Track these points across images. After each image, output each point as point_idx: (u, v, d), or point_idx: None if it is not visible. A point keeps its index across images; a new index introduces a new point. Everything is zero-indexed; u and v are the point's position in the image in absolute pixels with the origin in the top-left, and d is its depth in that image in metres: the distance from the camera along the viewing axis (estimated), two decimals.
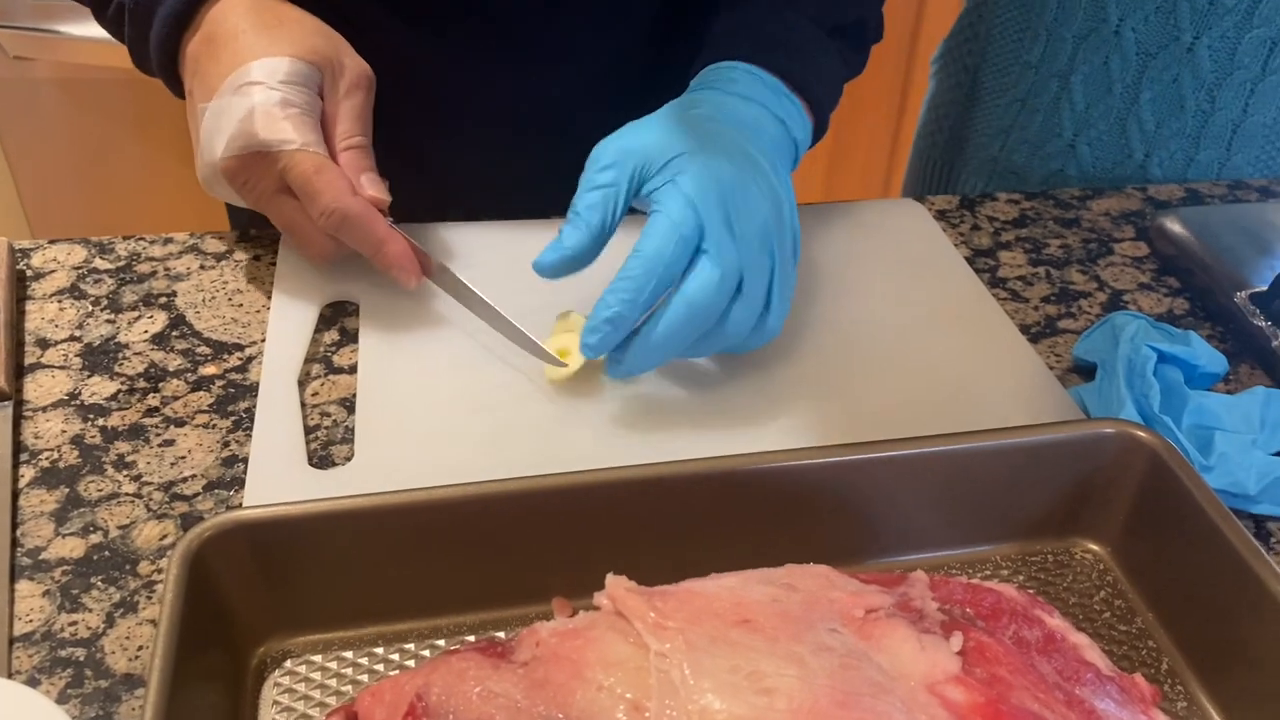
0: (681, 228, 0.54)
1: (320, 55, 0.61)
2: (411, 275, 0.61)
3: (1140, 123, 0.83)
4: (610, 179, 0.57)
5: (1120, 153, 0.86)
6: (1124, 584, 0.52)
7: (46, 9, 1.48)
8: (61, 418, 0.58)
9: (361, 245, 0.61)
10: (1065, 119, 0.87)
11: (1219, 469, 0.55)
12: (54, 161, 1.62)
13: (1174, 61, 0.80)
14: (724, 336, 0.57)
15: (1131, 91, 0.83)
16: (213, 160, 0.59)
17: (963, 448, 0.52)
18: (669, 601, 0.38)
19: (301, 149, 0.58)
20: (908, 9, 1.77)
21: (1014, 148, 0.91)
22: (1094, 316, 0.69)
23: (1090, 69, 0.84)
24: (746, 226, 0.55)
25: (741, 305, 0.56)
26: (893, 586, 0.41)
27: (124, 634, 0.48)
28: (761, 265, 0.56)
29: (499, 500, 0.48)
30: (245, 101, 0.58)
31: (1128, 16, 0.80)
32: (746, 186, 0.57)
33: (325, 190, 0.58)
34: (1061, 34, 0.85)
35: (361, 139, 0.62)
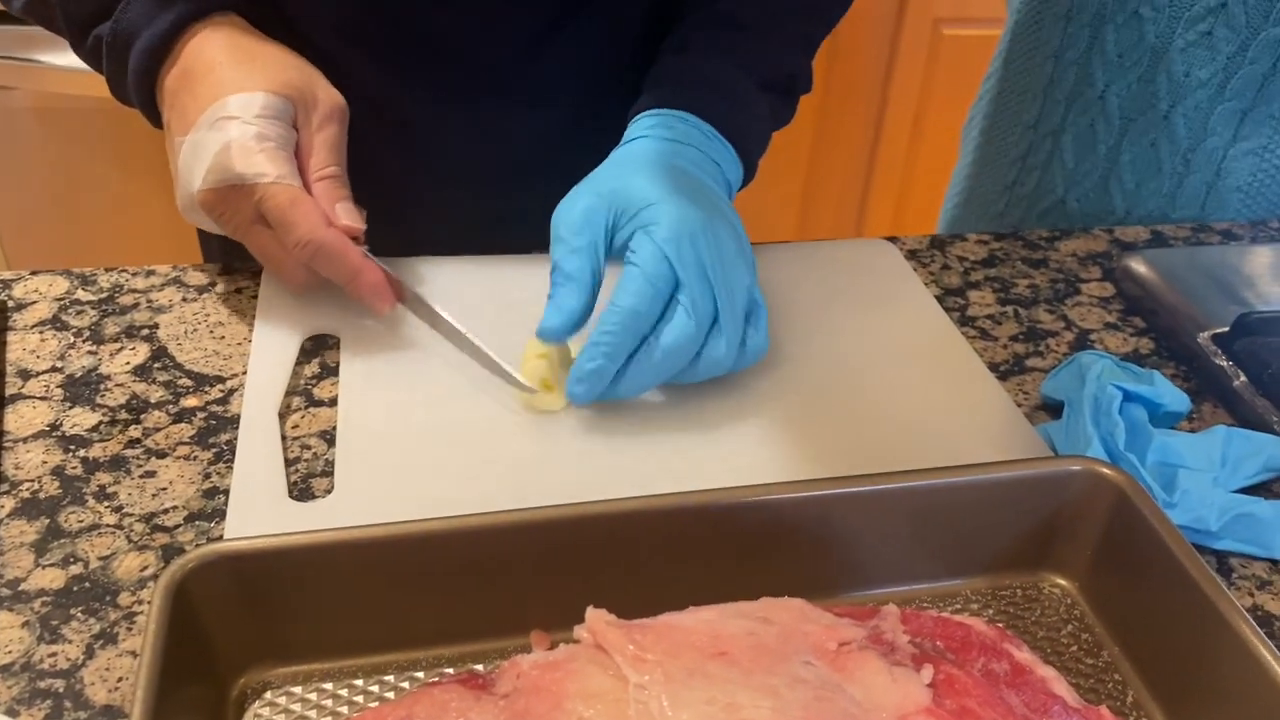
0: (656, 281, 0.57)
1: (294, 88, 0.62)
2: (384, 303, 0.63)
3: (1121, 182, 0.87)
4: (585, 241, 0.59)
5: (1103, 209, 0.90)
6: (1091, 618, 0.53)
7: (26, 38, 1.48)
8: (42, 449, 0.58)
9: (336, 275, 0.62)
10: (1057, 176, 0.91)
11: (1182, 506, 0.56)
12: (31, 190, 1.61)
13: (1151, 127, 0.85)
14: (707, 368, 0.60)
15: (1114, 153, 0.87)
16: (191, 191, 0.60)
17: (933, 483, 0.53)
18: (648, 635, 0.39)
19: (276, 181, 0.59)
20: (880, 51, 1.81)
21: (1014, 204, 0.96)
22: (1061, 355, 0.70)
23: (1079, 130, 0.88)
24: (718, 268, 0.58)
25: (715, 342, 0.59)
26: (865, 620, 0.42)
27: (104, 665, 0.48)
28: (736, 301, 0.59)
29: (478, 534, 0.49)
30: (221, 136, 0.59)
31: (1112, 83, 0.85)
32: (716, 228, 0.59)
33: (300, 222, 0.59)
34: (1055, 96, 0.89)
35: (335, 169, 0.63)
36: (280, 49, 0.64)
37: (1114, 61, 0.84)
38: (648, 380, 0.59)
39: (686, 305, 0.57)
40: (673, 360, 0.58)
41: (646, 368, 0.58)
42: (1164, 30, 0.81)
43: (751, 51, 0.70)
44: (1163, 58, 0.82)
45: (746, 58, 0.70)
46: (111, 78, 0.65)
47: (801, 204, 1.95)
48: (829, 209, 1.98)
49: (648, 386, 0.60)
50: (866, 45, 1.79)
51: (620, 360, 0.58)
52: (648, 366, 0.58)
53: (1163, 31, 0.81)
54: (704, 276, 0.58)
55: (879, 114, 1.88)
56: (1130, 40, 0.83)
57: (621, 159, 0.65)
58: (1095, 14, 0.84)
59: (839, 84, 1.82)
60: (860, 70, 1.82)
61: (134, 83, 0.63)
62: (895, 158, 1.92)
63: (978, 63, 1.05)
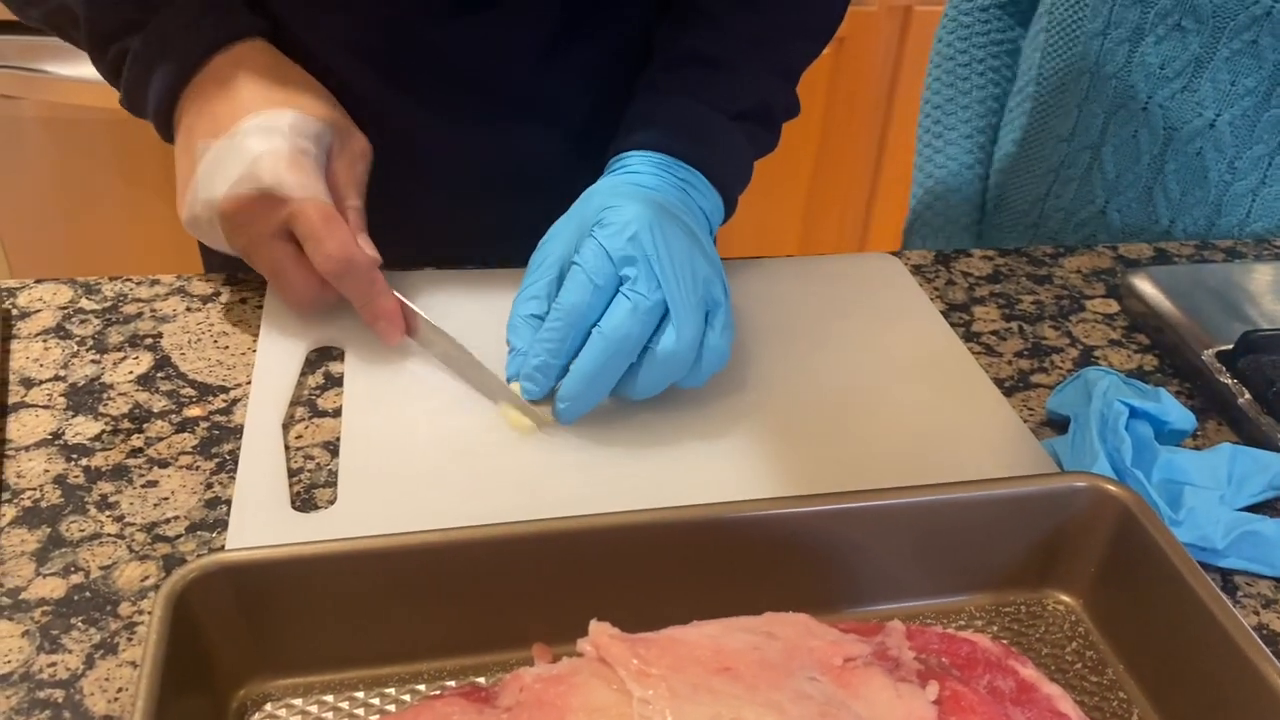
0: (596, 276, 0.58)
1: (332, 119, 0.63)
2: (396, 331, 0.63)
3: (1166, 191, 0.88)
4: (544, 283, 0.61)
5: (1147, 219, 0.90)
6: (1095, 635, 0.53)
7: (32, 48, 1.49)
8: (45, 457, 0.58)
9: (355, 295, 0.62)
10: (1098, 187, 0.92)
11: (1188, 523, 0.56)
12: (35, 199, 1.62)
13: (1197, 135, 0.85)
14: (661, 367, 0.59)
15: (1158, 163, 0.88)
16: (210, 198, 0.60)
17: (938, 499, 0.53)
18: (652, 649, 0.39)
19: (313, 196, 0.59)
20: (884, 65, 1.81)
21: (1049, 215, 0.96)
22: (1066, 371, 0.70)
23: (1120, 141, 0.89)
24: (668, 257, 0.58)
25: (669, 334, 0.58)
26: (870, 635, 0.42)
27: (104, 675, 0.48)
28: (689, 293, 0.58)
29: (480, 546, 0.49)
30: (259, 144, 0.59)
31: (1155, 94, 0.85)
32: (664, 224, 0.59)
33: (332, 237, 0.60)
34: (1093, 109, 0.90)
35: (359, 203, 0.64)
36: (314, 81, 0.65)
37: (1156, 73, 0.84)
38: (597, 375, 0.58)
39: (627, 292, 0.57)
40: (618, 349, 0.57)
41: (592, 359, 0.58)
42: (1207, 40, 0.81)
43: (721, 85, 0.70)
44: (1206, 67, 0.82)
45: (715, 92, 0.70)
46: (130, 89, 0.65)
47: (805, 218, 1.95)
48: (832, 224, 1.98)
49: (599, 385, 0.59)
50: (870, 62, 1.80)
51: (564, 356, 0.59)
52: (593, 358, 0.57)
53: (1206, 42, 0.81)
54: (647, 266, 0.58)
55: (883, 129, 1.88)
56: (1172, 51, 0.83)
57: (590, 191, 0.65)
58: (1134, 28, 0.84)
59: (843, 99, 1.82)
60: (864, 87, 1.82)
61: (155, 99, 0.63)
62: (899, 172, 1.92)
63: None
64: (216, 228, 0.61)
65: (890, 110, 1.85)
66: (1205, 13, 0.80)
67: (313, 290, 0.63)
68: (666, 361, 0.58)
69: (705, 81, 0.70)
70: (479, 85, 0.73)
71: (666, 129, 0.68)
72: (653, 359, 0.58)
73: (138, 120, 0.67)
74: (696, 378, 0.61)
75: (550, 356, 0.59)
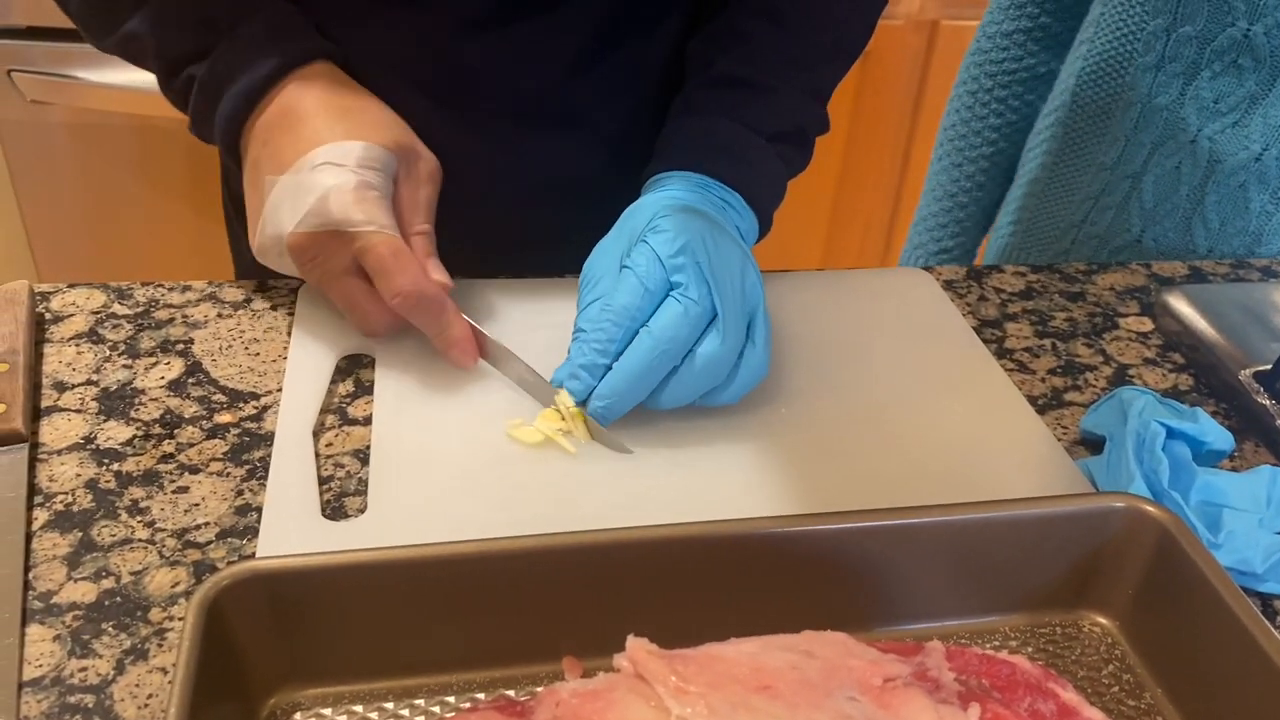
0: (647, 280, 0.59)
1: (398, 144, 0.63)
2: (470, 357, 0.63)
3: (1205, 221, 0.88)
4: (600, 292, 0.61)
5: (1184, 248, 0.90)
6: (1132, 658, 0.52)
7: (62, 54, 1.50)
8: (77, 461, 0.58)
9: (428, 326, 0.62)
10: (1134, 216, 0.91)
11: (1227, 546, 0.55)
12: (63, 204, 1.63)
13: (1242, 169, 0.85)
14: (700, 373, 0.59)
15: (1197, 193, 0.88)
16: (278, 233, 0.60)
17: (974, 517, 0.52)
18: (690, 665, 0.38)
19: (380, 231, 0.59)
20: (909, 82, 1.81)
21: (1083, 241, 0.96)
22: (1100, 390, 0.69)
23: (1162, 172, 0.89)
24: (719, 267, 0.59)
25: (713, 340, 0.59)
26: (909, 655, 0.41)
27: (134, 681, 0.48)
28: (737, 306, 0.60)
29: (511, 558, 0.49)
30: (324, 180, 0.59)
31: (1205, 127, 0.85)
32: (717, 237, 0.61)
33: (402, 272, 0.60)
34: (1140, 140, 0.89)
35: (428, 226, 0.64)
36: (381, 104, 0.65)
37: (1209, 107, 0.84)
38: (642, 375, 0.58)
39: (677, 295, 0.58)
40: (665, 350, 0.58)
41: (639, 358, 0.58)
42: (1264, 78, 0.82)
43: (757, 107, 0.71)
44: (1260, 104, 0.82)
45: (752, 113, 0.70)
46: (197, 115, 0.65)
47: (828, 232, 1.95)
48: (854, 239, 1.97)
49: (642, 384, 0.59)
50: (896, 76, 1.79)
51: (611, 356, 0.59)
52: (640, 357, 0.58)
53: (1263, 80, 0.82)
54: (698, 272, 0.59)
55: (907, 145, 1.88)
56: (1227, 88, 0.83)
57: (634, 207, 0.66)
58: (1190, 63, 0.84)
59: (868, 113, 1.82)
60: (889, 102, 1.82)
61: (223, 124, 0.63)
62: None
63: None
64: (287, 260, 0.62)
65: (915, 125, 1.85)
66: (1263, 53, 0.80)
67: (386, 321, 0.63)
68: (707, 367, 0.59)
69: (742, 103, 0.71)
70: (510, 97, 0.73)
71: (705, 150, 0.69)
72: (693, 363, 0.59)
73: (164, 127, 0.68)
74: (733, 393, 0.61)
75: (597, 355, 0.59)
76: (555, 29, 0.71)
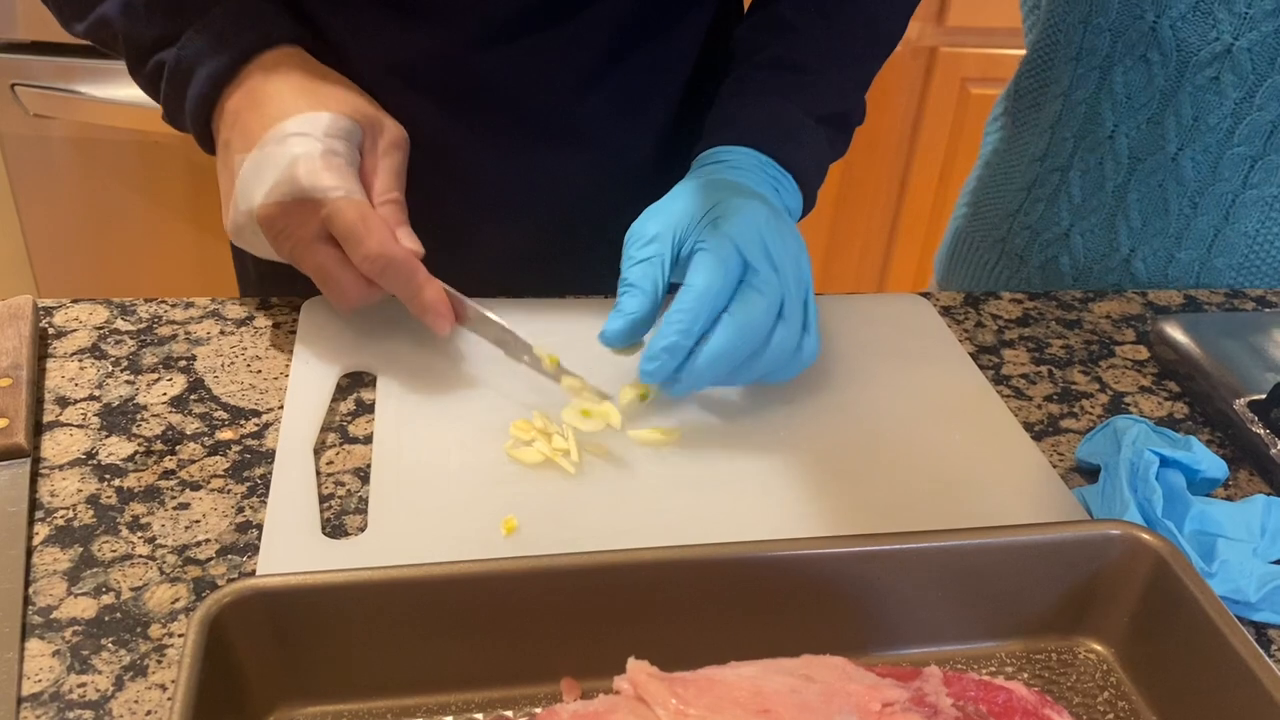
0: (727, 262, 0.60)
1: (361, 114, 0.63)
2: (445, 321, 0.63)
3: (1128, 220, 0.88)
4: (653, 251, 0.62)
5: (1108, 245, 0.91)
6: (1127, 685, 0.53)
7: (65, 69, 1.51)
8: (78, 476, 0.58)
9: (401, 289, 0.62)
10: (1063, 210, 0.92)
11: (1221, 575, 0.56)
12: (64, 218, 1.63)
13: (1159, 168, 0.86)
14: (769, 359, 0.61)
15: (1121, 190, 0.88)
16: (250, 208, 0.61)
17: (971, 543, 0.53)
18: (689, 688, 0.38)
19: (346, 196, 0.60)
20: (908, 108, 1.82)
21: (1018, 232, 0.96)
22: (1096, 417, 0.70)
23: (1087, 166, 0.89)
24: (783, 259, 0.61)
25: (783, 328, 0.61)
26: (907, 680, 0.41)
27: (133, 697, 0.48)
28: (797, 293, 0.62)
29: (510, 578, 0.49)
30: (289, 151, 0.60)
31: (1121, 124, 0.86)
32: (780, 223, 0.62)
33: (370, 235, 0.60)
34: (1063, 133, 0.90)
35: (397, 194, 0.64)
36: (344, 79, 0.66)
37: (1123, 103, 0.85)
38: (723, 358, 0.60)
39: (756, 285, 0.60)
40: (747, 337, 0.59)
41: (725, 342, 0.59)
42: (1172, 74, 0.82)
43: (808, 90, 0.73)
44: (1171, 101, 0.83)
45: (803, 96, 0.72)
46: (168, 102, 0.66)
47: (825, 257, 1.96)
48: (851, 264, 1.98)
49: (721, 367, 0.60)
50: (894, 102, 1.81)
51: (693, 337, 0.59)
52: (726, 341, 0.59)
53: (1171, 75, 0.82)
54: (770, 260, 0.60)
55: (905, 171, 1.89)
56: (1139, 83, 0.84)
57: (688, 184, 0.67)
58: (1105, 56, 0.85)
59: (865, 140, 1.83)
60: (887, 127, 1.83)
61: (193, 108, 0.64)
62: (920, 215, 1.92)
63: None
64: (260, 236, 0.62)
65: (913, 150, 1.86)
66: (1169, 46, 0.81)
67: (360, 290, 0.63)
68: (777, 352, 0.61)
69: (794, 85, 0.72)
70: (518, 110, 0.74)
71: (760, 129, 0.70)
72: (766, 349, 0.61)
73: (165, 143, 0.68)
74: (789, 375, 0.64)
75: (682, 337, 0.59)
76: (568, 45, 0.72)
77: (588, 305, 0.73)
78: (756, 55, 0.74)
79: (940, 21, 1.73)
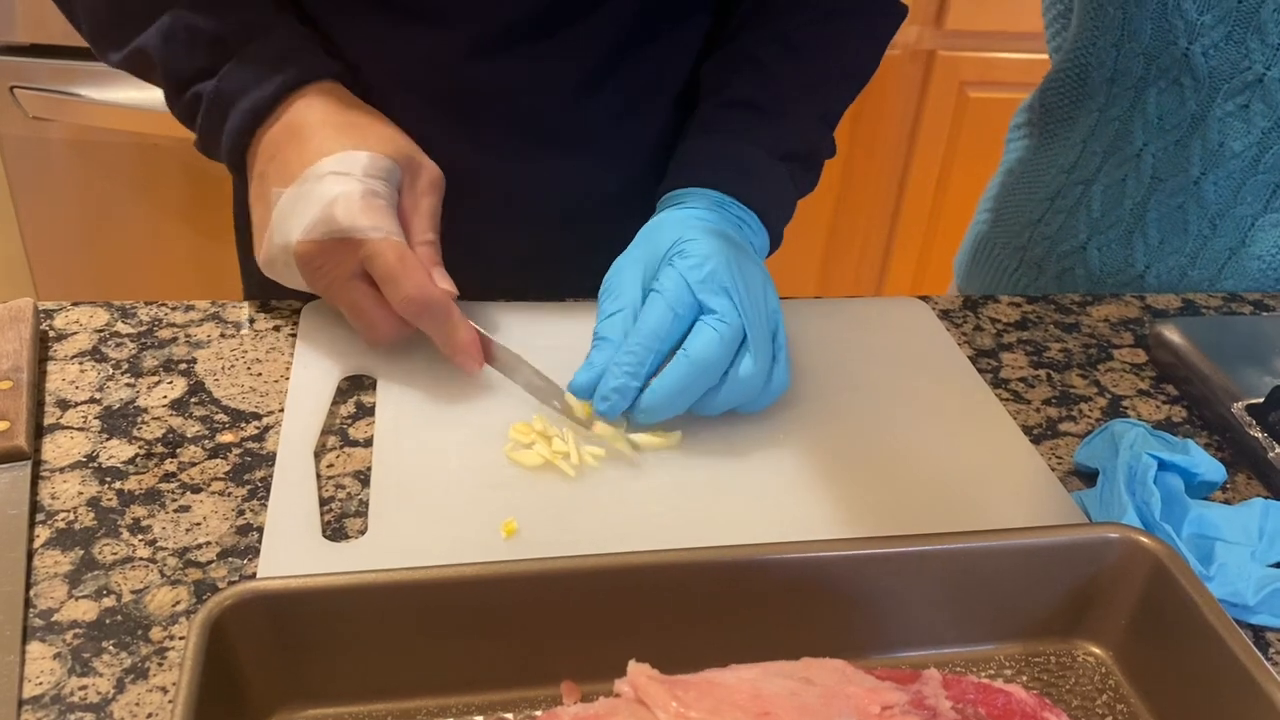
0: (676, 306, 0.60)
1: (402, 154, 0.64)
2: (475, 363, 0.64)
3: (1145, 237, 0.89)
4: (621, 304, 0.63)
5: (1124, 261, 0.91)
6: (1126, 688, 0.53)
7: (63, 72, 1.51)
8: (79, 479, 0.58)
9: (435, 330, 0.63)
10: (1082, 223, 0.93)
11: (1219, 579, 0.56)
12: (63, 221, 1.63)
13: (1180, 190, 0.87)
14: (734, 392, 0.62)
15: (1140, 208, 0.89)
16: (285, 242, 0.61)
17: (969, 546, 0.53)
18: (690, 691, 0.39)
19: (386, 237, 0.60)
20: (906, 111, 1.82)
21: (1037, 241, 0.97)
22: (1094, 421, 0.70)
23: (1110, 181, 0.90)
24: (745, 290, 0.61)
25: (748, 361, 0.61)
26: (907, 683, 0.42)
27: (134, 700, 0.48)
28: (762, 322, 0.62)
29: (511, 582, 0.49)
30: (330, 189, 0.60)
31: (1150, 143, 0.87)
32: (742, 261, 0.62)
33: (408, 277, 0.61)
34: (1094, 148, 0.91)
35: (433, 235, 0.65)
36: (382, 117, 0.66)
37: (1154, 123, 0.86)
38: (679, 394, 0.60)
39: (711, 322, 0.60)
40: (702, 372, 0.60)
41: (676, 379, 0.60)
42: (1204, 99, 0.83)
43: (770, 130, 0.73)
44: (1200, 125, 0.83)
45: (765, 135, 0.72)
46: (204, 132, 0.66)
47: (823, 261, 1.96)
48: (850, 267, 1.99)
49: (679, 402, 0.61)
50: (893, 106, 1.81)
51: (642, 378, 0.60)
52: (677, 378, 0.60)
53: (1203, 100, 0.83)
54: (728, 296, 0.60)
55: (903, 174, 1.89)
56: (1171, 105, 0.84)
57: (654, 226, 0.67)
58: (1139, 78, 0.85)
59: (864, 143, 1.84)
60: (886, 130, 1.83)
61: (230, 139, 0.64)
62: (918, 218, 1.93)
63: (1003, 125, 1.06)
64: (294, 270, 0.63)
65: (911, 153, 1.86)
66: (1201, 73, 0.82)
67: (392, 327, 0.64)
68: (744, 384, 0.61)
69: (756, 124, 0.72)
70: (519, 117, 0.74)
71: (721, 169, 0.70)
72: (730, 383, 0.61)
73: (164, 145, 0.69)
74: (761, 404, 0.64)
75: (629, 379, 0.60)
76: (565, 52, 0.73)
77: (587, 309, 0.73)
78: (721, 93, 0.74)
79: (939, 25, 1.73)
